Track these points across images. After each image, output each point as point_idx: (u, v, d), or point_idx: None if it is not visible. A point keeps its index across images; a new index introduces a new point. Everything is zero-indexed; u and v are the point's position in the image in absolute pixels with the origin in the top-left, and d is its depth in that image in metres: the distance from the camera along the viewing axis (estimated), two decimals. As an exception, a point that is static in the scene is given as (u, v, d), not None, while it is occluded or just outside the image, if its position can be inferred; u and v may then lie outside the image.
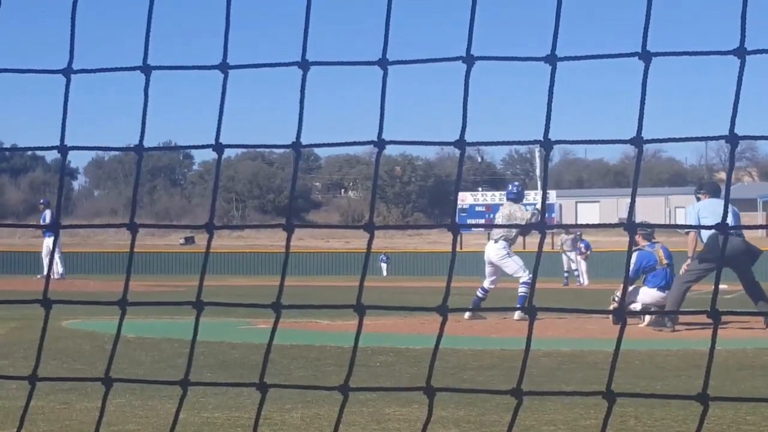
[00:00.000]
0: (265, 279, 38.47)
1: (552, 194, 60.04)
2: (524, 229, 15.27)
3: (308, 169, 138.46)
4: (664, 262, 14.93)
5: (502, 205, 16.56)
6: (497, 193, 68.03)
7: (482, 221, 60.06)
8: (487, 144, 2.26)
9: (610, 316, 13.41)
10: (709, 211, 13.94)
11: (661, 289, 14.41)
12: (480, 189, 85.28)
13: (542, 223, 2.10)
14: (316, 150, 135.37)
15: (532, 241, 60.62)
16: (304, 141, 2.16)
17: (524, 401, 2.33)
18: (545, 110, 2.04)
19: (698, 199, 14.31)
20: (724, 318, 4.59)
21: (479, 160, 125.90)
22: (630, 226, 2.19)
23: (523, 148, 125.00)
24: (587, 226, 16.03)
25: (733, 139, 2.04)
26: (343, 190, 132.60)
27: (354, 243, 68.58)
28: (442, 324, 2.11)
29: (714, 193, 14.50)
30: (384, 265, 54.56)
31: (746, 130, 2.07)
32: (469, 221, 59.68)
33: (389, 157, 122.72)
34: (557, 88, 2.04)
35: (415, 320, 13.93)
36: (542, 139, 2.07)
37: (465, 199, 62.82)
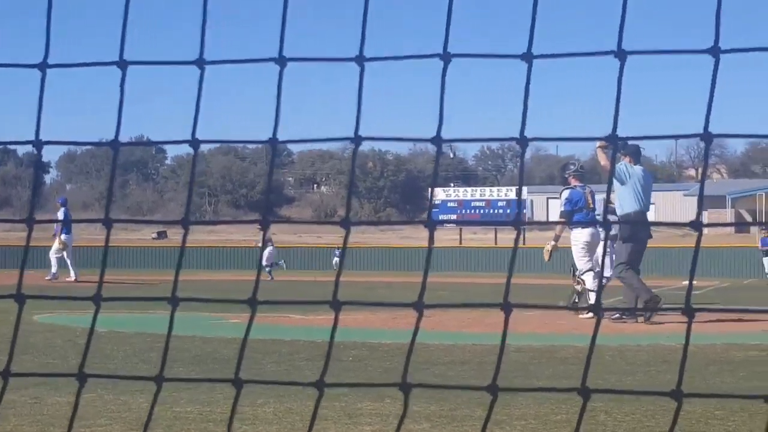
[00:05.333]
0: (238, 273, 38.42)
1: (524, 190, 60.19)
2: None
3: (281, 165, 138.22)
4: (591, 205, 15.26)
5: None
6: (469, 189, 68.17)
7: (454, 217, 60.16)
8: (463, 140, 2.27)
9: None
10: (635, 177, 13.94)
11: (585, 225, 14.66)
12: (452, 185, 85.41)
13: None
14: (290, 145, 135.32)
15: (504, 236, 60.82)
16: (279, 137, 2.16)
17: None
18: (521, 107, 2.06)
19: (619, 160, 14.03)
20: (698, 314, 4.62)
21: (451, 156, 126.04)
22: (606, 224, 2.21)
23: (495, 144, 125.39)
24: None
25: (707, 137, 2.06)
26: (315, 186, 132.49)
27: (326, 238, 68.54)
28: (418, 320, 2.13)
29: (636, 156, 14.44)
30: (336, 260, 54.69)
31: (717, 127, 2.09)
32: (441, 217, 59.74)
33: (361, 152, 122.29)
34: (534, 86, 2.05)
35: (387, 315, 13.95)
36: (518, 137, 2.08)
37: (437, 194, 62.85)
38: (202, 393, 6.68)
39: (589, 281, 15.19)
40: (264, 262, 37.69)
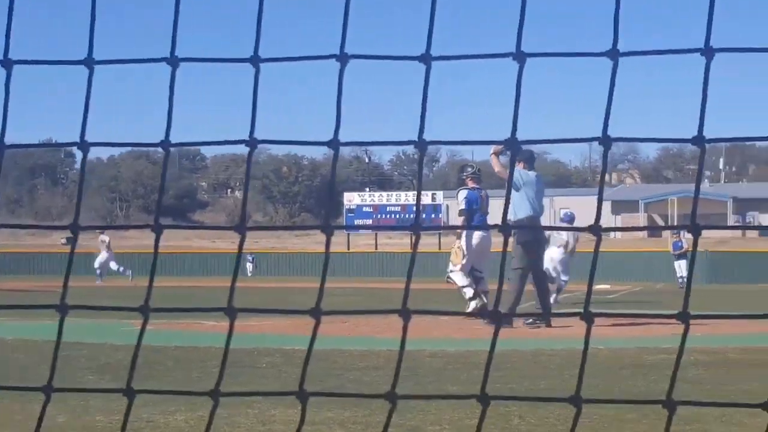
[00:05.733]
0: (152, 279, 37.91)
1: (439, 195, 60.43)
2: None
3: (194, 169, 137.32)
4: (485, 209, 15.51)
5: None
6: (384, 194, 68.26)
7: (369, 221, 60.20)
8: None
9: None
10: (528, 183, 14.07)
11: (477, 228, 14.86)
12: (368, 189, 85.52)
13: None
14: (203, 150, 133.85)
15: (421, 241, 61.04)
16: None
17: (410, 401, 2.32)
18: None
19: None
20: (608, 318, 4.65)
21: (367, 160, 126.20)
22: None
23: (410, 149, 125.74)
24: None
25: (606, 140, 2.05)
26: (229, 190, 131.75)
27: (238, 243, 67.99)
28: (315, 327, 2.09)
29: (530, 162, 14.58)
30: (250, 265, 54.43)
31: (627, 131, 2.08)
32: (356, 222, 59.78)
33: (275, 156, 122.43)
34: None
35: (301, 321, 13.85)
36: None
37: (352, 199, 62.88)
38: (113, 402, 6.56)
39: (459, 279, 15.43)
40: (95, 265, 37.27)
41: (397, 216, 59.67)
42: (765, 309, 2.05)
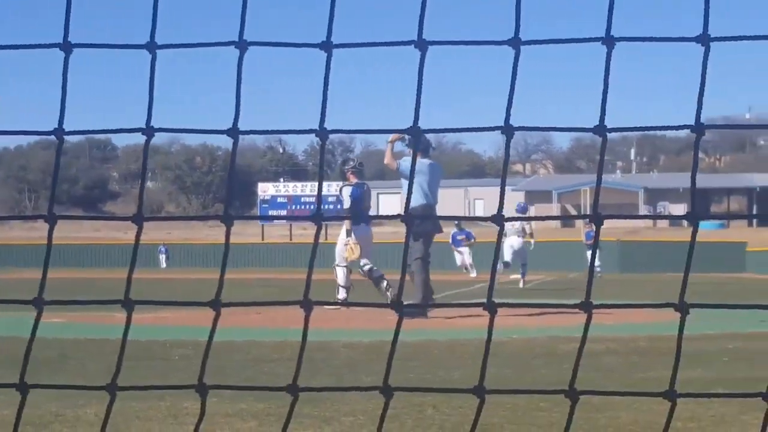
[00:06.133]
0: (61, 271, 37.52)
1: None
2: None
3: (104, 159, 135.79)
4: (367, 204, 15.70)
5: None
6: (299, 184, 68.06)
7: (284, 212, 60.02)
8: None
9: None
10: (421, 172, 14.07)
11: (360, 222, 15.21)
12: (282, 180, 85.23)
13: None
14: (114, 139, 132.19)
15: (334, 232, 60.94)
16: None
17: (325, 392, 2.30)
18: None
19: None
20: (521, 308, 4.67)
21: (281, 150, 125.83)
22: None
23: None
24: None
25: (508, 129, 2.05)
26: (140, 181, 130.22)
27: (150, 234, 67.46)
28: (215, 319, 2.07)
29: (425, 151, 14.56)
30: (162, 257, 53.98)
31: (540, 120, 2.08)
32: (271, 212, 59.56)
33: (189, 147, 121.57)
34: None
35: (213, 312, 13.77)
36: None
37: (267, 190, 62.66)
38: (18, 396, 6.45)
39: (342, 276, 15.98)
40: None
41: (312, 206, 59.62)
42: (673, 298, 2.07)
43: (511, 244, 27.46)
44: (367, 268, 15.46)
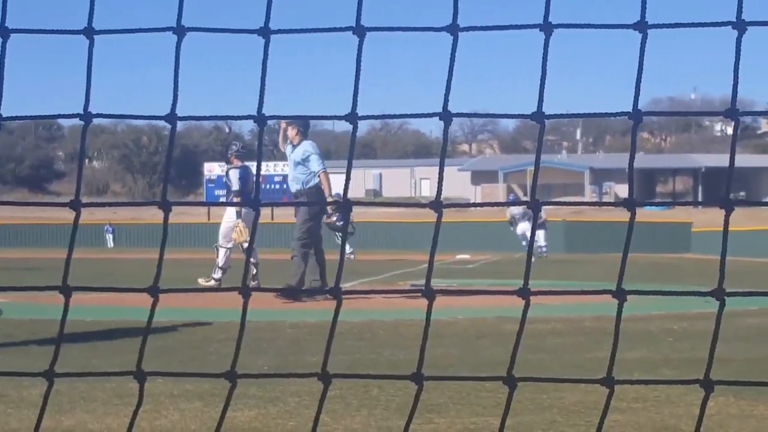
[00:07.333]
0: (6, 251, 37.18)
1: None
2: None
3: (50, 139, 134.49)
4: (251, 185, 16.44)
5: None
6: (247, 164, 67.72)
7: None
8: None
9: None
10: (307, 152, 13.99)
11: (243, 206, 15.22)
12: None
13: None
14: (60, 119, 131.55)
15: (280, 213, 60.81)
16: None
17: (270, 373, 2.29)
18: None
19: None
20: (468, 287, 4.69)
21: (227, 130, 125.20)
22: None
23: (271, 121, 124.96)
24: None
25: (446, 116, 2.05)
26: (87, 160, 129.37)
27: (98, 214, 66.93)
28: (154, 305, 2.05)
29: (304, 133, 14.34)
30: (109, 236, 53.59)
31: (487, 105, 2.08)
32: (216, 192, 59.28)
33: (135, 126, 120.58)
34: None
35: (165, 295, 13.69)
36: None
37: (213, 169, 62.34)
38: (-36, 377, 6.39)
39: (222, 257, 16.63)
40: None
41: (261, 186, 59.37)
42: (617, 278, 2.09)
43: (524, 229, 30.95)
44: (222, 253, 16.44)
